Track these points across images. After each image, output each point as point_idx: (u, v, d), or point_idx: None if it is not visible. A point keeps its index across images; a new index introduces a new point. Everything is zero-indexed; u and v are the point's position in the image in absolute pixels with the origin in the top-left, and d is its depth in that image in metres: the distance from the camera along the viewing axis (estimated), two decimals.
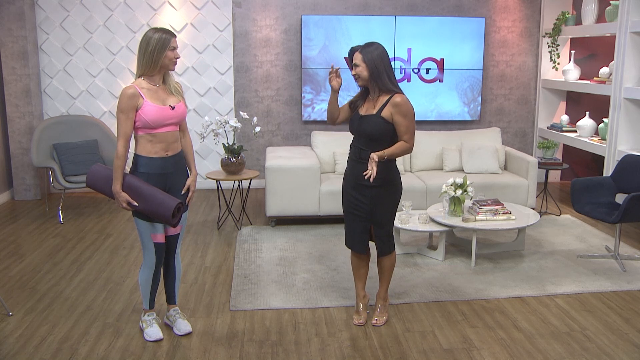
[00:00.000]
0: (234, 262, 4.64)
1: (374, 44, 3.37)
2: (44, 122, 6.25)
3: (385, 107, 3.32)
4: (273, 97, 7.07)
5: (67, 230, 5.49)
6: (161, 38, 3.14)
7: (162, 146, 3.23)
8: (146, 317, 3.46)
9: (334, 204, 5.49)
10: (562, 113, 7.31)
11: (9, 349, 3.27)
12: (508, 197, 5.60)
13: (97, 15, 6.67)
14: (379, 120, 3.33)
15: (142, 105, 3.14)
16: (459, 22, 6.97)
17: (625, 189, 4.71)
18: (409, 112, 3.31)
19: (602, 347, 3.34)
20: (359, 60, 3.35)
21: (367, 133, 3.38)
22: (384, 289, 3.66)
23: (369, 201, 3.43)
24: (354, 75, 3.40)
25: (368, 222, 3.48)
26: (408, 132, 3.32)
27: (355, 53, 3.38)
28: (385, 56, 3.36)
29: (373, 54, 3.32)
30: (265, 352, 3.28)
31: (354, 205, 3.48)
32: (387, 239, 3.52)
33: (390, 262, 3.59)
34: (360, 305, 3.67)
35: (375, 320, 3.60)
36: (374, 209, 3.44)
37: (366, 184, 3.38)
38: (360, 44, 3.42)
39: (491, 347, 3.34)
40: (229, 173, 5.48)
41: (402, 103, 3.30)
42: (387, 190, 3.43)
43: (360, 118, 3.43)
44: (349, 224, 3.58)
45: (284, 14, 6.89)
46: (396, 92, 3.34)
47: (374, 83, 3.36)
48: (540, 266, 4.55)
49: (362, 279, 3.69)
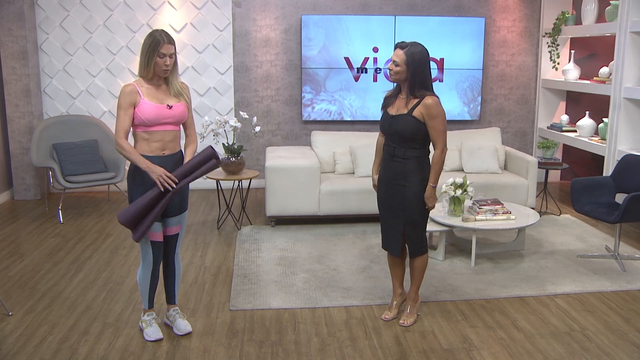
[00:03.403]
0: (234, 262, 4.64)
1: (419, 46, 3.31)
2: (44, 122, 6.25)
3: (416, 107, 3.31)
4: (273, 97, 7.07)
5: (67, 230, 5.49)
6: (152, 42, 3.11)
7: (158, 145, 3.23)
8: (146, 317, 3.45)
9: (334, 203, 5.49)
10: (562, 113, 7.31)
11: (9, 349, 3.27)
12: (508, 197, 5.60)
13: (97, 15, 6.67)
14: (410, 119, 3.31)
15: (139, 103, 3.15)
16: (458, 22, 6.97)
17: (625, 188, 4.71)
18: (440, 115, 3.29)
19: (602, 347, 3.34)
20: (400, 60, 3.29)
21: (399, 133, 3.36)
22: (414, 290, 3.63)
23: (403, 200, 3.41)
24: (389, 70, 3.36)
25: (402, 222, 3.46)
26: (439, 136, 3.31)
27: (397, 50, 3.32)
28: (427, 61, 3.32)
29: (415, 58, 3.27)
30: (265, 352, 3.28)
31: (389, 205, 3.48)
32: (419, 241, 3.50)
33: (422, 264, 3.56)
34: (394, 303, 3.68)
35: (403, 321, 3.58)
36: (407, 209, 3.42)
37: (401, 183, 3.39)
38: (405, 41, 3.36)
39: (491, 347, 3.34)
40: (228, 173, 5.48)
41: (433, 105, 3.28)
42: (421, 190, 3.40)
43: (391, 118, 3.40)
44: (384, 225, 3.57)
45: (283, 14, 6.89)
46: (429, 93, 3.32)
47: (409, 86, 3.32)
48: (540, 266, 4.55)
49: (399, 277, 3.69)
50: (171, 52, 3.15)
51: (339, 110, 7.04)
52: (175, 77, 3.27)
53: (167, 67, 3.16)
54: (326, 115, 7.05)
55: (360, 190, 5.50)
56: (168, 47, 3.12)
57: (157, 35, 3.12)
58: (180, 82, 3.30)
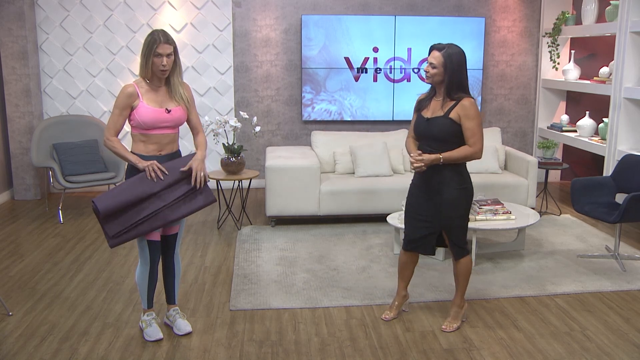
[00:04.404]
0: (234, 262, 4.64)
1: (456, 48, 3.29)
2: (44, 122, 6.25)
3: (453, 109, 3.29)
4: (273, 97, 7.07)
5: (67, 230, 5.49)
6: (149, 42, 3.07)
7: (155, 147, 3.23)
8: (145, 317, 3.45)
9: (334, 203, 5.49)
10: (562, 113, 7.31)
11: (9, 349, 3.27)
12: (508, 196, 5.60)
13: (97, 15, 6.67)
14: (447, 121, 3.29)
15: (137, 106, 3.13)
16: (459, 22, 6.97)
17: (625, 188, 4.71)
18: (477, 116, 3.28)
19: (602, 346, 3.34)
20: (437, 62, 3.27)
21: (435, 136, 3.33)
22: (459, 295, 3.57)
23: (440, 207, 3.38)
24: (425, 71, 3.34)
25: (437, 227, 3.43)
26: (474, 136, 3.28)
27: (434, 51, 3.29)
28: (464, 64, 3.29)
29: (453, 60, 3.24)
30: (265, 351, 3.28)
31: (421, 211, 3.43)
32: (461, 243, 3.47)
33: (466, 267, 3.51)
34: (395, 303, 3.67)
35: (445, 326, 3.53)
36: (445, 215, 3.38)
37: (437, 188, 3.36)
38: (442, 43, 3.33)
39: (491, 346, 3.33)
40: (229, 173, 5.48)
41: (470, 106, 3.27)
42: (460, 195, 3.38)
43: (427, 121, 3.37)
44: (411, 227, 3.51)
45: (283, 14, 6.89)
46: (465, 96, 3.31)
47: (447, 88, 3.30)
48: (540, 266, 4.55)
49: (406, 279, 3.66)
50: (168, 52, 3.09)
51: (339, 110, 7.04)
52: (177, 78, 3.23)
53: (164, 68, 3.11)
54: (326, 115, 7.05)
55: (360, 190, 5.50)
56: (164, 46, 3.07)
57: (155, 34, 3.09)
58: (182, 82, 3.29)
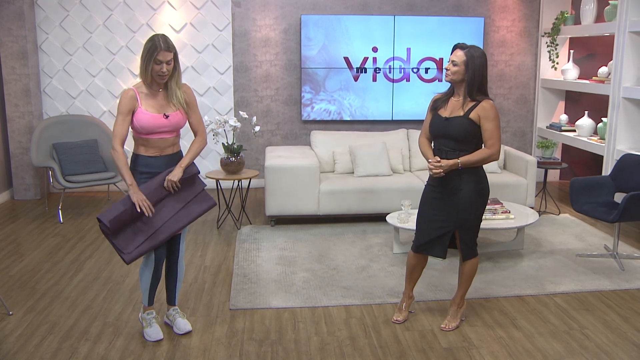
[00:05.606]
0: (234, 262, 4.65)
1: (479, 49, 3.32)
2: (43, 122, 6.25)
3: (473, 110, 3.29)
4: (272, 97, 7.08)
5: (66, 229, 5.50)
6: (149, 48, 3.06)
7: (156, 150, 3.26)
8: (146, 316, 3.45)
9: (334, 203, 5.50)
10: (561, 112, 7.31)
11: (9, 348, 3.28)
12: (507, 196, 5.60)
13: (97, 15, 6.67)
14: (466, 121, 3.29)
15: (136, 111, 3.15)
16: (458, 21, 6.98)
17: (624, 188, 4.72)
18: (496, 118, 3.29)
19: (601, 345, 3.35)
20: (459, 61, 3.29)
21: (453, 135, 3.33)
22: (460, 294, 3.58)
23: (457, 206, 3.37)
24: (446, 69, 3.35)
25: (452, 227, 3.42)
26: (492, 138, 3.28)
27: (457, 50, 3.31)
28: (486, 66, 3.33)
29: (476, 60, 3.27)
30: (265, 351, 3.29)
31: (437, 211, 3.42)
32: (472, 244, 3.47)
33: (472, 268, 3.52)
34: (404, 304, 3.66)
35: (444, 325, 3.54)
36: (461, 214, 3.38)
37: (454, 187, 3.35)
38: (466, 42, 3.36)
39: (490, 346, 3.34)
40: (228, 172, 5.49)
41: (490, 108, 3.28)
42: (477, 195, 3.38)
43: (445, 120, 3.36)
44: (426, 228, 3.48)
45: (283, 14, 6.90)
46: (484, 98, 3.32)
47: (468, 88, 3.31)
48: (539, 265, 4.56)
49: (414, 281, 3.66)
50: (168, 59, 3.09)
51: (339, 110, 7.05)
52: (175, 83, 3.23)
53: (163, 74, 3.12)
54: (326, 115, 7.06)
55: (359, 190, 5.51)
56: (165, 54, 3.06)
57: (156, 41, 3.07)
58: (181, 86, 3.28)
